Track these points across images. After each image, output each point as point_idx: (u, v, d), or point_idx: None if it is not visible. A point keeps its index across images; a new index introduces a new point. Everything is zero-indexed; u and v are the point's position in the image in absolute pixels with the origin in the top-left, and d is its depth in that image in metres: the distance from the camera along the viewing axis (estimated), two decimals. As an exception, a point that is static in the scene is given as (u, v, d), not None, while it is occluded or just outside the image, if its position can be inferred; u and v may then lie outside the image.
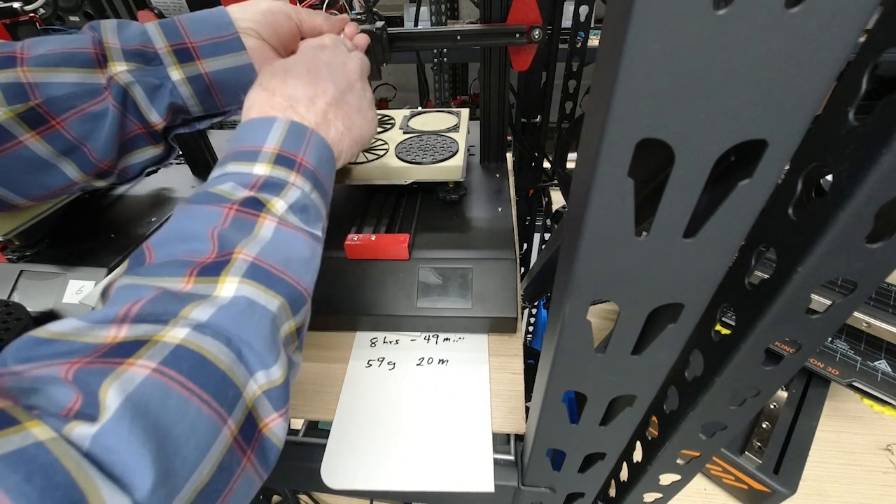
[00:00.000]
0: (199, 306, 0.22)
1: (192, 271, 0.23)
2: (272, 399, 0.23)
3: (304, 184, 0.29)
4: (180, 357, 0.20)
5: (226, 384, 0.21)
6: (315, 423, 0.42)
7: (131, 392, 0.18)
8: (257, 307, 0.23)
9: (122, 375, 0.18)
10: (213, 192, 0.27)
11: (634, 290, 0.18)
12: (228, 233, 0.25)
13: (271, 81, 0.32)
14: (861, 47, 0.16)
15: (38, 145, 0.34)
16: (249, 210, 0.27)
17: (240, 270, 0.24)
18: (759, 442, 0.48)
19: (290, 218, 0.28)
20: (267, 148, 0.29)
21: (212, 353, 0.21)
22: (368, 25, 0.44)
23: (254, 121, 0.30)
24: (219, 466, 0.20)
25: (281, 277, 0.25)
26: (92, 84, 0.35)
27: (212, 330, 0.21)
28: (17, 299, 0.47)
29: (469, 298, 0.44)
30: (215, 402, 0.20)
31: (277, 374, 0.23)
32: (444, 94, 1.21)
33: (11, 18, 0.84)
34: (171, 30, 0.36)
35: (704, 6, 0.11)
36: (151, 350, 0.19)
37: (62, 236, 0.53)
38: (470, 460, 0.36)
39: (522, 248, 1.01)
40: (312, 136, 0.31)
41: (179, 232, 0.26)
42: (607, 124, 0.13)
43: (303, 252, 0.27)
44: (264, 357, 0.23)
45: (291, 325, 0.26)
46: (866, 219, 0.15)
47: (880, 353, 0.50)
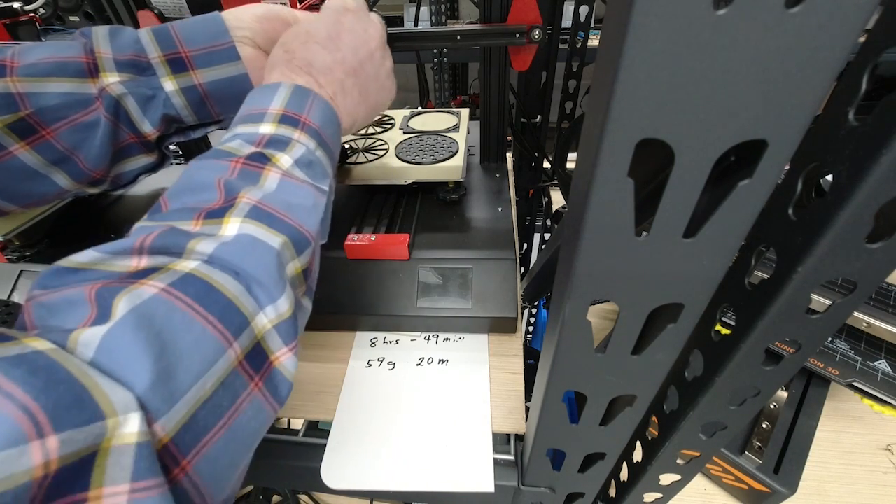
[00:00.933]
0: (203, 240, 0.23)
1: (200, 215, 0.24)
2: (281, 333, 0.24)
3: (309, 141, 0.30)
4: (188, 282, 0.21)
5: (231, 311, 0.22)
6: (315, 423, 0.42)
7: (138, 304, 0.19)
8: (259, 243, 0.24)
9: (132, 291, 0.20)
10: (222, 148, 0.28)
11: (634, 290, 0.18)
12: (235, 182, 0.26)
13: (293, 43, 0.32)
14: (861, 47, 0.16)
15: (29, 156, 0.34)
16: (255, 163, 0.27)
17: (242, 212, 0.25)
18: (759, 442, 0.48)
19: (295, 172, 0.28)
20: (272, 109, 0.29)
21: (219, 282, 0.22)
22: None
23: (261, 87, 0.31)
24: (222, 384, 0.20)
25: (283, 219, 0.26)
26: (83, 94, 0.34)
27: (219, 263, 0.23)
28: (17, 299, 0.47)
29: (469, 298, 0.44)
30: (220, 324, 0.21)
31: (285, 308, 0.24)
32: (444, 94, 1.21)
33: (11, 18, 0.84)
34: (164, 38, 0.36)
35: (704, 6, 0.11)
36: (163, 275, 0.21)
37: (62, 236, 0.53)
38: (470, 460, 0.36)
39: (522, 248, 1.01)
40: (315, 99, 0.31)
41: (189, 183, 0.26)
42: (607, 124, 0.13)
43: (306, 200, 0.28)
44: (271, 291, 0.24)
45: (297, 266, 0.26)
46: (866, 219, 0.15)
47: (880, 353, 0.49)
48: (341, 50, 0.33)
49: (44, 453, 0.14)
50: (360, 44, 0.34)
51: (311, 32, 0.33)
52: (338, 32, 0.33)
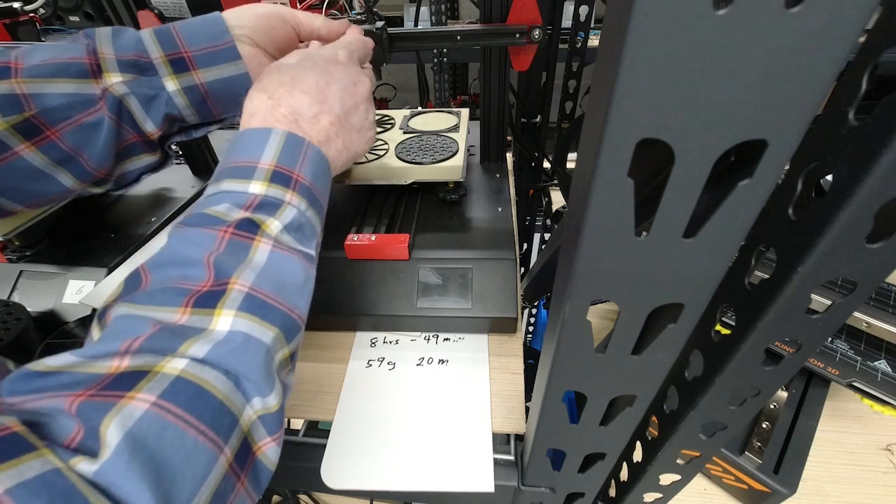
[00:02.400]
0: (196, 342, 0.22)
1: (189, 300, 0.23)
2: (266, 424, 0.24)
3: (300, 202, 0.29)
4: (179, 389, 0.20)
5: (222, 412, 0.21)
6: (315, 423, 0.42)
7: (130, 428, 0.18)
8: (252, 340, 0.24)
9: (122, 410, 0.19)
10: (209, 213, 0.27)
11: (634, 290, 0.18)
12: (224, 258, 0.25)
13: (278, 90, 0.31)
14: (861, 47, 0.16)
15: (34, 156, 0.34)
16: (244, 233, 0.26)
17: (235, 303, 0.24)
18: (759, 442, 0.48)
19: (284, 238, 0.28)
20: (263, 164, 0.28)
21: (209, 382, 0.21)
22: (368, 25, 0.44)
23: (251, 132, 0.30)
24: (215, 493, 0.20)
25: (275, 307, 0.25)
26: (87, 94, 0.34)
27: (210, 363, 0.22)
28: (17, 299, 0.47)
29: (469, 298, 0.44)
30: (212, 431, 0.21)
31: (273, 402, 0.24)
32: (444, 94, 1.21)
33: (11, 18, 0.84)
34: (166, 38, 0.36)
35: (704, 6, 0.11)
36: (151, 382, 0.20)
37: (62, 236, 0.53)
38: (470, 460, 0.36)
39: (522, 248, 1.01)
40: (309, 149, 0.30)
41: (175, 256, 0.25)
42: (607, 124, 0.13)
43: (297, 277, 0.27)
44: (261, 386, 0.23)
45: (285, 353, 0.26)
46: (866, 219, 0.15)
47: (880, 353, 0.49)
48: (328, 99, 0.32)
49: None
50: (348, 95, 0.34)
51: (297, 79, 0.32)
52: (326, 82, 0.33)
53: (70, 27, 1.30)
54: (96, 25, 1.19)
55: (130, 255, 0.51)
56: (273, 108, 0.31)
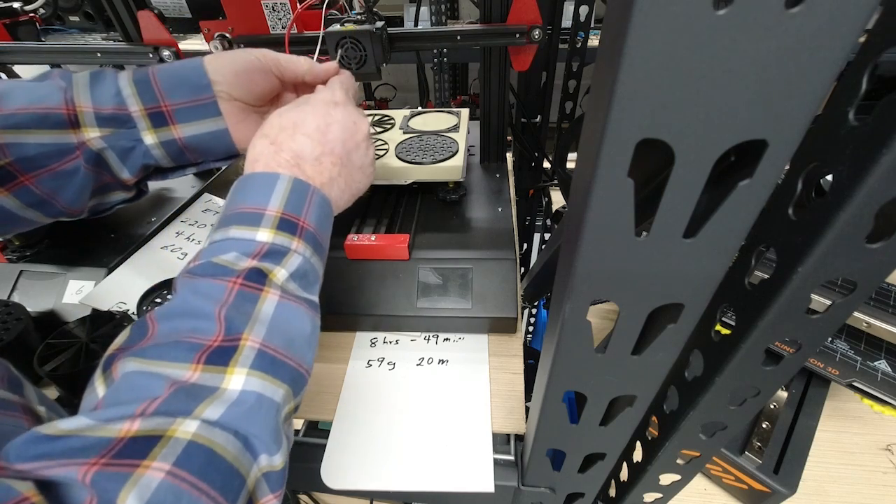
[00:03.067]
0: (211, 404, 0.23)
1: (200, 357, 0.24)
2: (270, 482, 0.24)
3: (305, 249, 0.30)
4: (191, 454, 0.21)
5: (232, 475, 0.22)
6: (315, 423, 0.42)
7: (148, 499, 0.19)
8: (265, 400, 0.24)
9: (139, 482, 0.19)
10: (217, 262, 0.27)
11: (634, 290, 0.18)
12: (233, 312, 0.25)
13: (279, 135, 0.32)
14: (861, 47, 0.16)
15: (7, 200, 0.34)
16: (253, 284, 0.27)
17: (247, 360, 0.25)
18: (759, 442, 0.48)
19: (290, 287, 0.28)
20: (270, 210, 0.29)
21: (220, 445, 0.22)
22: (368, 25, 0.44)
23: (257, 176, 0.30)
24: None
25: (285, 362, 0.26)
26: (64, 144, 0.35)
27: (221, 425, 0.22)
28: (17, 299, 0.47)
29: (469, 298, 0.44)
30: (221, 496, 0.21)
31: (279, 461, 0.24)
32: (444, 94, 1.21)
33: (11, 18, 0.84)
34: (146, 89, 0.36)
35: (704, 6, 0.11)
36: (165, 448, 0.20)
37: (62, 236, 0.53)
38: (470, 460, 0.36)
39: (522, 248, 1.01)
40: (315, 195, 0.31)
41: (184, 308, 0.26)
42: (607, 124, 0.13)
43: (304, 328, 0.28)
44: (269, 445, 0.24)
45: (291, 406, 0.27)
46: (866, 219, 0.15)
47: (880, 353, 0.49)
48: (330, 141, 0.33)
49: None
50: (348, 136, 0.34)
51: (299, 124, 0.32)
52: (327, 124, 0.33)
53: (70, 27, 1.30)
54: (96, 25, 1.19)
55: (130, 255, 0.51)
56: (275, 153, 0.31)
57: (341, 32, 0.44)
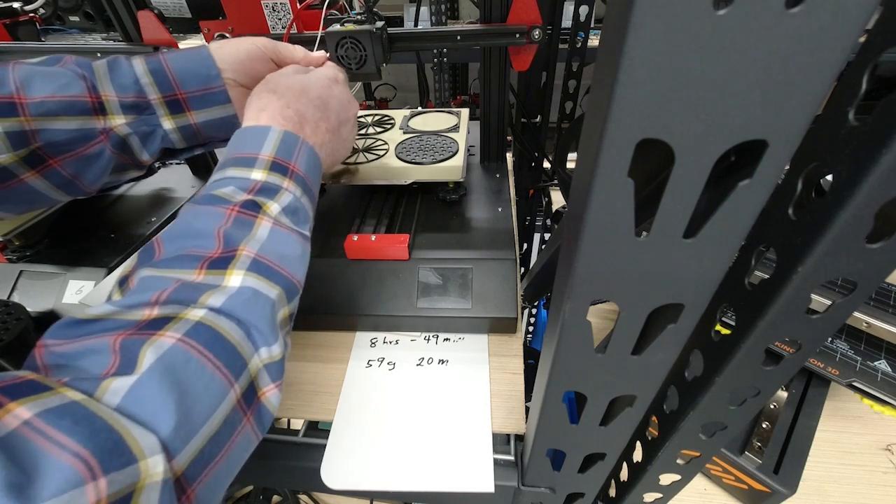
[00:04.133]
0: (213, 294, 0.26)
1: (203, 265, 0.27)
2: (270, 372, 0.27)
3: (296, 189, 0.32)
4: (200, 331, 0.24)
5: (235, 356, 0.25)
6: (315, 423, 0.42)
7: (161, 354, 0.22)
8: (260, 295, 0.27)
9: (155, 342, 0.22)
10: (216, 194, 0.30)
11: (634, 290, 0.18)
12: (231, 231, 0.29)
13: (287, 93, 0.35)
14: (861, 47, 0.16)
15: (38, 182, 0.37)
16: (248, 211, 0.30)
17: (244, 265, 0.28)
18: (759, 442, 0.48)
19: (282, 219, 0.31)
20: (263, 155, 0.32)
21: (225, 329, 0.25)
22: (368, 25, 0.44)
23: (251, 129, 0.33)
24: (225, 420, 0.23)
25: (278, 271, 0.29)
26: (89, 130, 0.37)
27: (225, 313, 0.25)
28: (17, 299, 0.47)
29: (469, 298, 0.44)
30: (226, 368, 0.24)
31: (277, 351, 0.27)
32: (444, 94, 1.21)
33: (11, 18, 0.84)
34: (162, 79, 0.39)
35: (704, 6, 0.11)
36: (178, 324, 0.24)
37: (62, 236, 0.53)
38: (470, 460, 0.36)
39: (522, 248, 1.01)
40: (303, 146, 0.34)
41: (187, 230, 0.29)
42: (607, 124, 0.13)
43: (295, 250, 0.31)
44: (267, 336, 0.27)
45: (286, 312, 0.29)
46: (866, 219, 0.15)
47: (880, 353, 0.49)
48: (329, 111, 0.37)
49: (97, 493, 0.17)
50: (342, 110, 0.39)
51: (306, 89, 0.36)
52: (328, 96, 0.38)
53: (70, 27, 1.30)
54: (96, 25, 1.20)
55: (130, 255, 0.51)
56: (283, 107, 0.34)
57: (341, 32, 0.44)
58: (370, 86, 2.03)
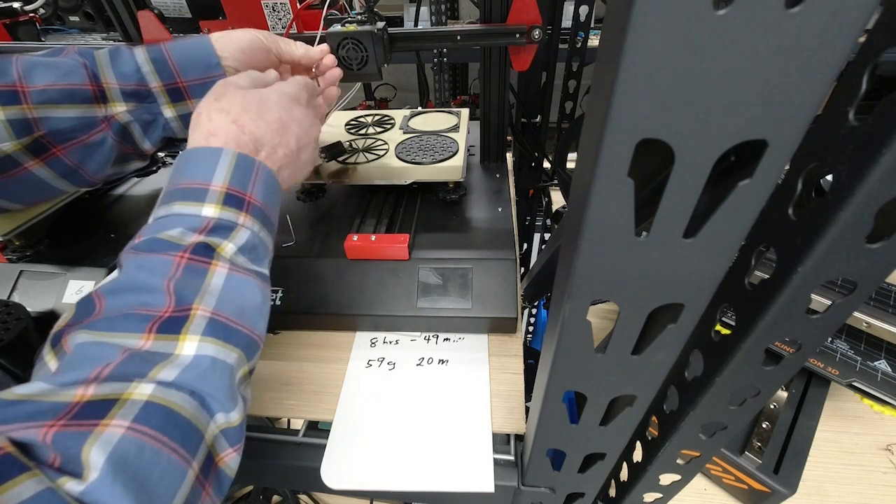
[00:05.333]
0: (165, 368, 0.23)
1: (152, 327, 0.24)
2: (228, 437, 0.25)
3: (253, 223, 0.30)
4: (150, 413, 0.21)
5: (190, 431, 0.23)
6: (315, 423, 0.42)
7: (111, 451, 0.20)
8: (218, 363, 0.25)
9: (100, 436, 0.20)
10: (162, 238, 0.27)
11: (634, 290, 0.18)
12: (182, 284, 0.26)
13: (242, 116, 0.32)
14: (861, 47, 0.16)
15: (42, 170, 0.37)
16: (200, 258, 0.27)
17: (199, 328, 0.25)
18: (759, 442, 0.48)
19: (239, 260, 0.29)
20: (215, 186, 0.28)
21: (177, 404, 0.23)
22: (370, 26, 0.44)
23: (200, 151, 0.30)
24: (185, 502, 0.22)
25: (237, 329, 0.27)
26: (91, 118, 0.37)
27: (177, 386, 0.23)
28: (17, 299, 0.47)
29: (469, 298, 0.44)
30: (182, 449, 0.22)
31: (235, 418, 0.25)
32: (444, 94, 1.21)
33: (11, 18, 0.84)
34: (162, 67, 0.39)
35: (704, 6, 0.11)
36: (123, 409, 0.21)
37: (62, 236, 0.53)
38: (470, 460, 0.36)
39: (522, 248, 1.01)
40: (260, 169, 0.31)
41: (132, 283, 0.26)
42: (607, 124, 0.13)
43: (254, 299, 0.29)
44: (225, 404, 0.25)
45: (245, 370, 0.27)
46: (866, 219, 0.15)
47: (880, 353, 0.49)
48: (287, 136, 0.34)
49: None
50: (304, 134, 0.35)
51: (262, 110, 0.33)
52: (288, 119, 0.34)
53: (70, 27, 1.30)
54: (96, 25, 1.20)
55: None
56: (238, 133, 0.31)
57: (342, 33, 0.44)
58: (370, 86, 2.03)
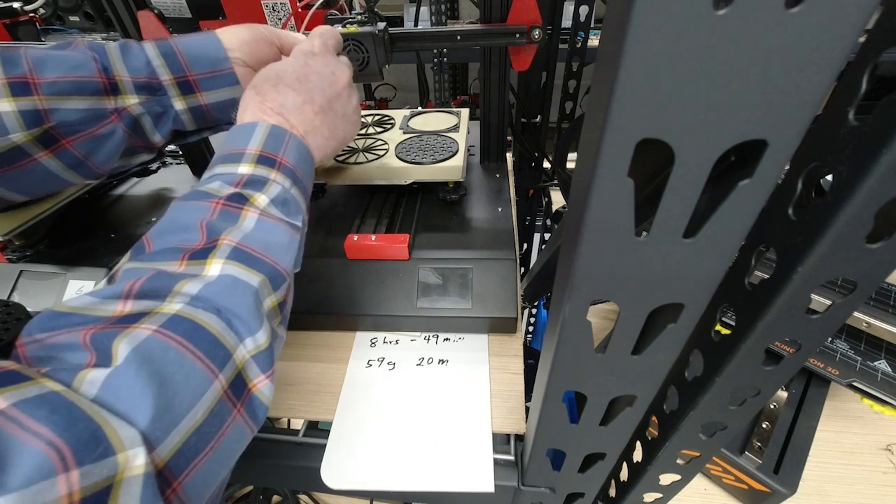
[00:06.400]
0: (189, 282, 0.25)
1: (184, 256, 0.26)
2: (259, 362, 0.26)
3: (284, 180, 0.32)
4: (177, 323, 0.23)
5: (216, 346, 0.24)
6: (315, 423, 0.42)
7: (137, 345, 0.21)
8: (240, 283, 0.26)
9: (129, 334, 0.22)
10: (202, 189, 0.30)
11: (634, 290, 0.18)
12: (215, 223, 0.28)
13: (263, 86, 0.34)
14: (861, 47, 0.16)
15: (51, 161, 0.38)
16: (234, 204, 0.29)
17: (224, 253, 0.27)
18: (759, 442, 0.48)
19: (271, 210, 0.31)
20: (250, 150, 0.31)
21: (203, 320, 0.24)
22: (371, 27, 0.44)
23: (240, 127, 0.33)
24: (211, 412, 0.23)
25: (261, 258, 0.28)
26: (100, 109, 0.38)
27: (202, 302, 0.25)
28: (17, 299, 0.47)
29: (469, 298, 0.44)
30: (207, 358, 0.23)
31: (262, 339, 0.26)
32: (444, 94, 1.21)
33: (11, 18, 0.84)
34: (172, 60, 0.39)
35: (704, 6, 0.11)
36: (153, 318, 0.23)
37: (62, 236, 0.53)
38: (470, 460, 0.36)
39: (522, 248, 1.01)
40: (291, 139, 0.33)
41: (172, 224, 0.29)
42: (607, 124, 0.13)
43: (282, 238, 0.30)
44: (250, 324, 0.26)
45: (273, 300, 0.29)
46: (866, 219, 0.15)
47: (880, 353, 0.49)
48: (310, 90, 0.35)
49: (68, 485, 0.16)
50: (327, 84, 0.36)
51: (281, 75, 0.35)
52: (306, 74, 0.36)
53: (70, 27, 1.30)
54: (96, 25, 1.20)
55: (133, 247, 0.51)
56: (261, 103, 0.34)
57: (344, 34, 0.44)
58: (370, 86, 2.03)
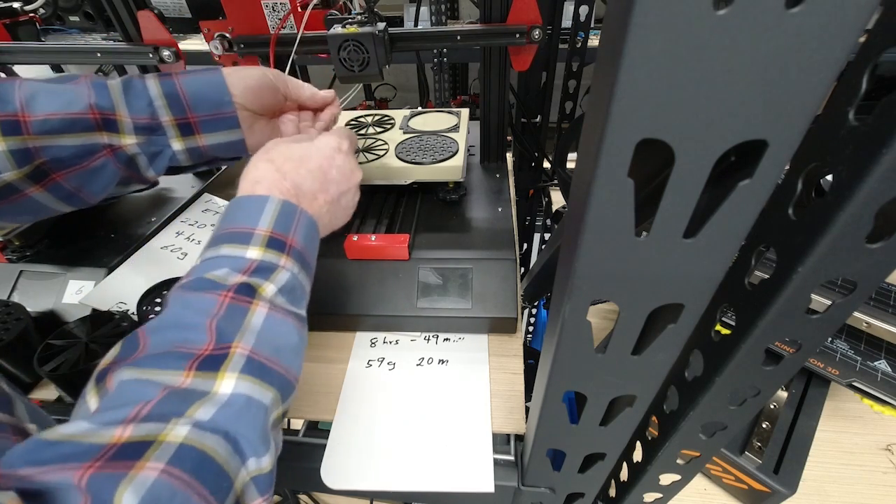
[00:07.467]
0: (202, 406, 0.24)
1: (192, 364, 0.25)
2: (258, 484, 0.25)
3: (293, 265, 0.31)
4: (184, 456, 0.21)
5: (221, 477, 0.23)
6: (315, 423, 0.42)
7: (144, 495, 0.19)
8: (253, 402, 0.25)
9: (134, 479, 0.20)
10: (208, 277, 0.28)
11: (634, 290, 0.18)
12: (224, 323, 0.27)
13: (285, 164, 0.34)
14: (861, 47, 0.16)
15: (42, 195, 0.38)
16: (242, 297, 0.28)
17: (237, 366, 0.26)
18: (759, 442, 0.48)
19: (279, 301, 0.30)
20: (260, 230, 0.30)
21: (211, 447, 0.23)
22: (371, 28, 0.44)
23: (248, 199, 0.32)
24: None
25: (274, 369, 0.27)
26: (91, 145, 0.38)
27: (211, 424, 0.23)
28: (17, 299, 0.47)
29: (469, 298, 0.44)
30: (211, 496, 0.22)
31: (266, 463, 0.25)
32: (444, 94, 1.21)
33: (11, 18, 0.84)
34: (174, 101, 0.39)
35: (704, 6, 0.11)
36: (159, 450, 0.21)
37: (62, 236, 0.53)
38: (470, 460, 0.36)
39: (522, 248, 1.01)
40: (302, 216, 0.33)
41: (176, 321, 0.27)
42: (607, 124, 0.13)
43: (291, 339, 0.29)
44: (257, 447, 0.25)
45: (279, 412, 0.28)
46: (866, 219, 0.15)
47: (880, 353, 0.49)
48: (328, 181, 0.36)
49: None
50: (343, 181, 0.38)
51: (304, 159, 0.35)
52: (329, 167, 0.36)
53: (70, 27, 1.30)
54: (96, 25, 1.20)
55: (130, 255, 0.51)
56: (279, 180, 0.33)
57: (344, 35, 0.44)
58: (370, 86, 2.03)
